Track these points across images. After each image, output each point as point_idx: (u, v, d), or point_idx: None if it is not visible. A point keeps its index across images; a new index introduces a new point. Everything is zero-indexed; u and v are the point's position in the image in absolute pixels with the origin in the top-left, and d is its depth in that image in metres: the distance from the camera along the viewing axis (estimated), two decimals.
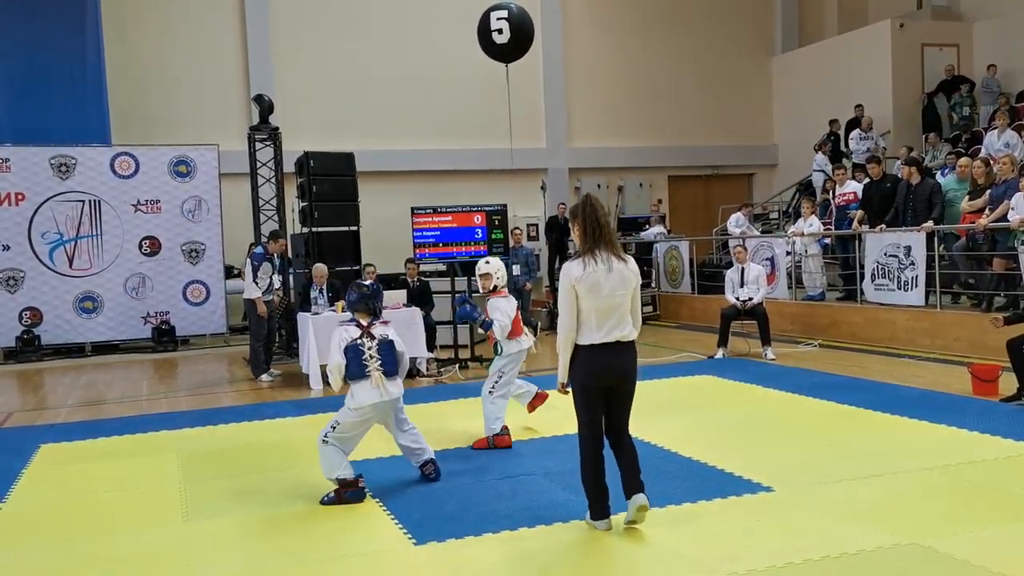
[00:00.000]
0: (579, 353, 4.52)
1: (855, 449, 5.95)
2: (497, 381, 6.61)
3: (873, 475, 5.31)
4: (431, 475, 5.63)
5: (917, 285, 10.58)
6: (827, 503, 4.85)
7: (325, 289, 10.28)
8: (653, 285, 15.83)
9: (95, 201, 13.97)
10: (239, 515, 5.16)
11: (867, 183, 11.96)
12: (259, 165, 13.11)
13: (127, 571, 4.41)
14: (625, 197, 18.97)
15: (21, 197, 13.63)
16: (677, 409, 7.60)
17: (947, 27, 17.62)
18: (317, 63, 16.76)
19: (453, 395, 8.82)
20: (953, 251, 10.60)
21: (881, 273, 11.09)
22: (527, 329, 6.87)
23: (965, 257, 10.37)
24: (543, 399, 6.98)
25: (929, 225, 10.42)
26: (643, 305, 4.74)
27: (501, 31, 9.64)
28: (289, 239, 12.16)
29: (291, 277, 12.18)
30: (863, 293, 11.39)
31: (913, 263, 10.59)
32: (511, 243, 13.29)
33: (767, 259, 12.95)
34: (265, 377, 10.49)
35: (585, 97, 18.69)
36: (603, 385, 4.53)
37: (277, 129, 13.14)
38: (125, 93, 15.39)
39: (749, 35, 20.03)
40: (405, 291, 10.73)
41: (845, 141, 16.56)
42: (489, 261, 6.77)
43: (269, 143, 13.18)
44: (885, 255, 11.00)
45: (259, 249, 10.78)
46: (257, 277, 10.28)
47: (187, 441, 7.27)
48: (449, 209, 11.72)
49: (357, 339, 5.35)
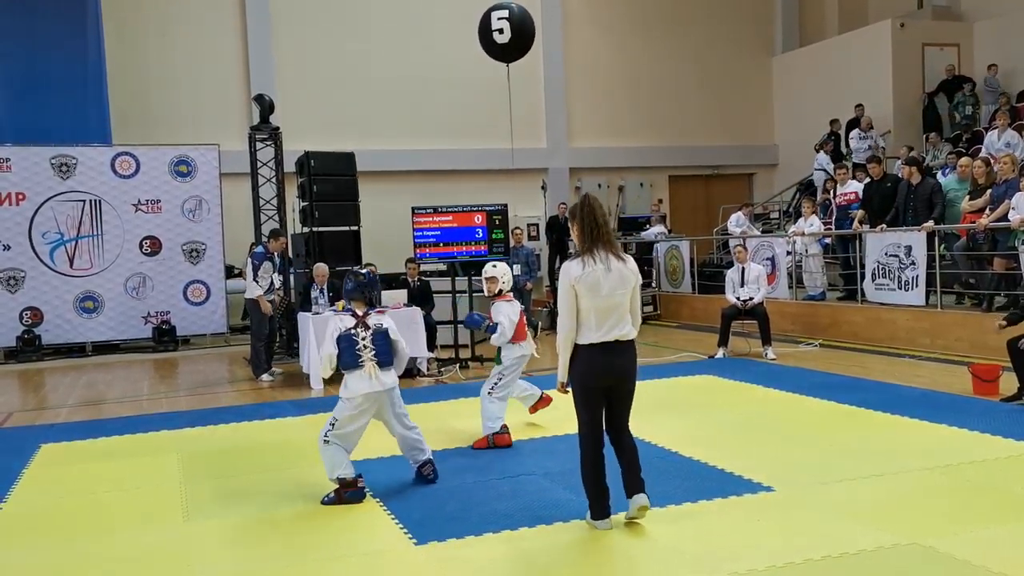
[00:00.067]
0: (579, 352, 4.52)
1: (855, 449, 5.95)
2: (497, 383, 6.62)
3: (874, 475, 5.31)
4: (429, 476, 5.58)
5: (918, 285, 10.58)
6: (827, 503, 4.85)
7: (326, 289, 10.28)
8: (654, 285, 15.83)
9: (96, 201, 13.97)
10: (239, 515, 5.16)
11: (867, 183, 11.96)
12: (260, 165, 13.11)
13: (127, 571, 4.40)
14: (626, 197, 18.96)
15: (22, 197, 13.63)
16: (677, 409, 7.60)
17: (947, 27, 17.62)
18: (318, 63, 16.76)
19: (453, 395, 8.82)
20: (954, 251, 10.60)
21: (882, 273, 11.09)
22: (530, 334, 6.89)
23: (966, 257, 10.37)
24: (547, 402, 7.01)
25: (930, 225, 10.42)
26: (644, 305, 4.75)
27: (502, 31, 9.64)
28: (290, 239, 12.16)
29: (291, 277, 12.17)
30: (864, 293, 11.39)
31: (914, 263, 10.59)
32: (511, 243, 13.28)
33: (768, 259, 12.95)
34: (266, 377, 10.50)
35: (585, 97, 18.69)
36: (603, 384, 4.54)
37: (278, 129, 13.14)
38: (126, 93, 15.41)
39: (749, 35, 20.03)
40: (405, 291, 10.73)
41: (846, 141, 16.56)
42: (496, 265, 6.79)
43: (270, 143, 13.19)
44: (886, 255, 11.00)
45: (260, 248, 10.79)
46: (258, 276, 10.28)
47: (187, 441, 7.27)
48: (449, 209, 11.71)
49: (351, 329, 5.30)
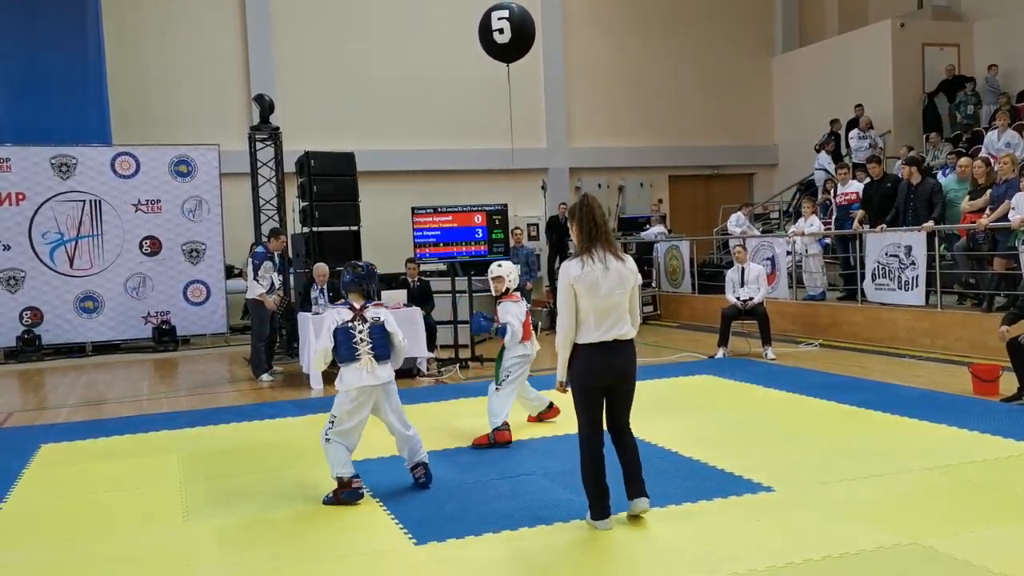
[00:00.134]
0: (578, 352, 4.53)
1: (855, 449, 5.95)
2: (504, 379, 6.68)
3: (873, 475, 5.31)
4: (420, 479, 5.47)
5: (918, 285, 10.58)
6: (827, 503, 4.85)
7: (326, 289, 10.28)
8: (654, 285, 15.82)
9: (96, 201, 13.97)
10: (239, 515, 5.15)
11: (867, 183, 11.96)
12: (260, 165, 13.11)
13: (127, 571, 4.40)
14: (626, 197, 18.96)
15: (22, 197, 13.63)
16: (677, 409, 7.60)
17: (948, 27, 17.62)
18: (318, 63, 16.76)
19: (454, 395, 8.82)
20: (954, 251, 10.60)
21: (882, 273, 11.08)
22: (535, 334, 6.92)
23: (966, 257, 10.37)
24: (555, 413, 7.11)
25: (930, 225, 10.41)
26: (644, 305, 4.75)
27: (502, 31, 9.64)
28: (290, 239, 12.16)
29: (291, 277, 12.17)
30: (864, 293, 11.39)
31: (914, 263, 10.59)
32: (511, 243, 13.29)
33: (768, 259, 12.95)
34: (266, 377, 10.50)
35: (585, 97, 18.69)
36: (602, 384, 4.54)
37: (278, 129, 13.14)
38: (126, 93, 15.40)
39: (749, 35, 20.03)
40: (405, 291, 10.73)
41: (846, 141, 16.56)
42: (501, 264, 6.83)
43: (270, 143, 13.19)
44: (886, 255, 11.00)
45: (260, 248, 10.81)
46: (259, 276, 10.30)
47: (187, 441, 7.27)
48: (449, 209, 11.73)
49: (348, 322, 5.26)
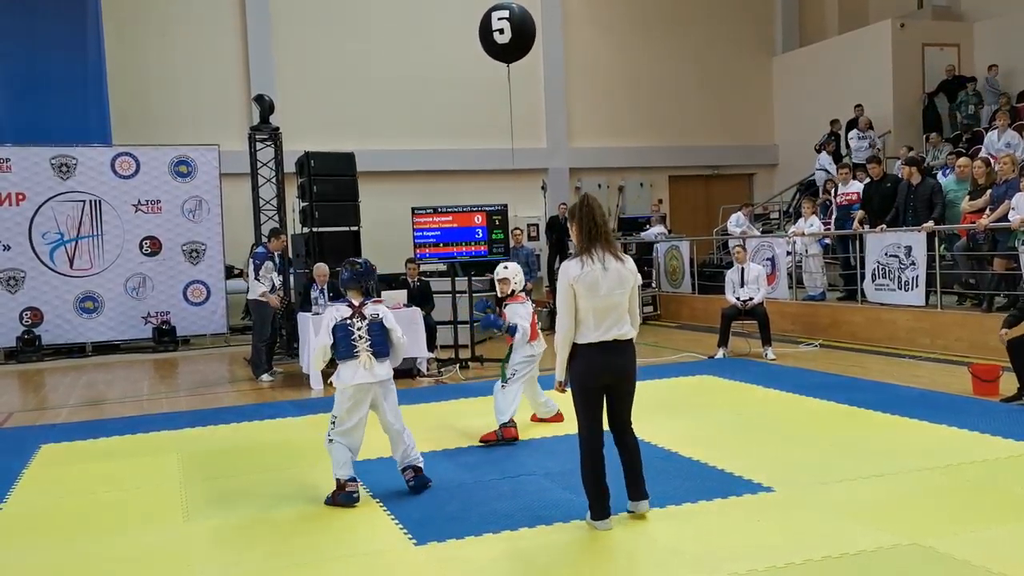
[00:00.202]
0: (577, 352, 4.53)
1: (855, 449, 5.95)
2: (510, 377, 6.72)
3: (873, 475, 5.31)
4: (410, 482, 5.40)
5: (917, 285, 10.58)
6: (827, 503, 4.85)
7: (326, 289, 10.28)
8: (654, 285, 15.81)
9: (96, 201, 13.97)
10: (239, 515, 5.16)
11: (867, 183, 11.95)
12: (260, 165, 13.11)
13: (127, 571, 4.41)
14: (626, 197, 18.96)
15: (22, 197, 13.63)
16: (677, 409, 7.60)
17: (948, 27, 17.62)
18: (318, 63, 16.76)
19: (454, 395, 8.82)
20: (954, 251, 10.60)
21: (882, 273, 11.08)
22: (541, 333, 6.96)
23: (966, 257, 10.37)
24: (559, 419, 7.13)
25: (930, 225, 10.41)
26: (644, 305, 4.76)
27: (502, 31, 9.64)
28: (290, 239, 12.16)
29: (291, 277, 12.18)
30: (864, 293, 11.39)
31: (914, 263, 10.59)
32: (511, 243, 13.28)
33: (768, 259, 12.95)
34: (266, 377, 10.51)
35: (585, 97, 18.69)
36: (602, 384, 4.55)
37: (278, 129, 13.14)
38: (126, 93, 15.40)
39: (749, 35, 20.03)
40: (405, 291, 10.73)
41: (845, 141, 16.57)
42: (508, 266, 6.86)
43: (270, 143, 13.19)
44: (886, 255, 11.00)
45: (261, 248, 10.81)
46: (259, 275, 10.32)
47: (187, 441, 7.27)
48: (449, 209, 11.71)
49: (347, 319, 5.25)
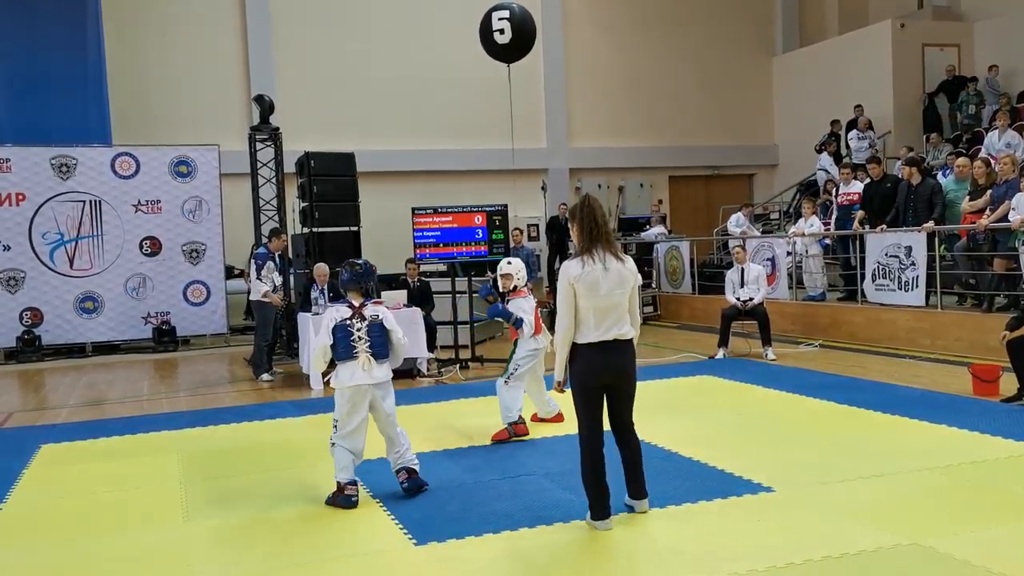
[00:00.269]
0: (577, 352, 4.54)
1: (855, 449, 5.95)
2: (513, 373, 6.75)
3: (873, 475, 5.31)
4: (404, 483, 5.33)
5: (918, 285, 10.58)
6: (827, 503, 4.85)
7: (326, 289, 10.28)
8: (654, 285, 15.81)
9: (96, 201, 13.97)
10: (239, 515, 5.15)
11: (867, 183, 11.95)
12: (260, 165, 13.11)
13: (127, 571, 4.40)
14: (626, 197, 18.96)
15: (22, 197, 13.63)
16: (677, 409, 7.60)
17: (948, 27, 17.62)
18: (318, 63, 16.77)
19: (454, 395, 8.79)
20: (954, 251, 10.59)
21: (882, 273, 11.08)
22: (545, 329, 6.98)
23: (966, 257, 10.37)
24: (559, 420, 7.15)
25: (930, 225, 10.41)
26: (644, 305, 4.77)
27: (503, 31, 9.64)
28: (290, 239, 12.16)
29: (291, 277, 12.18)
30: (864, 293, 11.39)
31: (914, 263, 10.59)
32: (511, 244, 13.27)
33: (768, 259, 12.95)
34: (266, 377, 10.51)
35: (586, 97, 18.70)
36: (602, 383, 4.55)
37: (278, 129, 13.14)
38: (126, 93, 15.41)
39: (750, 35, 20.04)
40: (405, 291, 10.73)
41: (846, 141, 16.57)
42: (511, 261, 6.91)
43: (270, 143, 13.18)
44: (886, 255, 11.00)
45: (262, 249, 10.83)
46: (261, 275, 10.34)
47: (187, 441, 7.27)
48: (449, 209, 11.72)
49: (347, 319, 5.25)
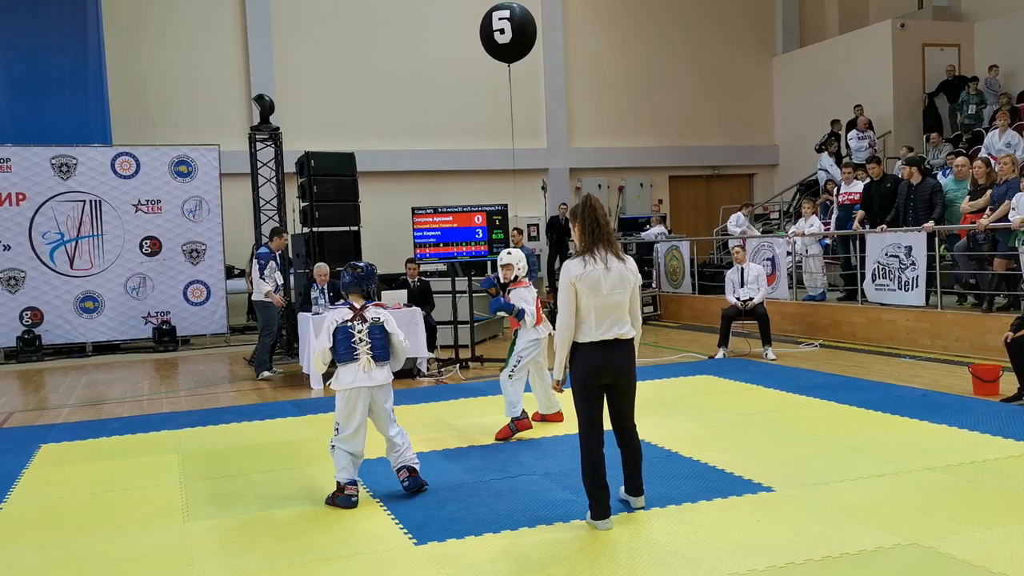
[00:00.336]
0: (578, 351, 4.55)
1: (855, 449, 5.95)
2: (516, 365, 6.78)
3: (873, 475, 5.31)
4: (404, 482, 5.35)
5: (918, 285, 10.58)
6: (827, 503, 4.84)
7: (326, 289, 10.28)
8: (654, 285, 15.83)
9: (96, 201, 13.97)
10: (239, 515, 5.16)
11: (867, 183, 11.94)
12: (260, 165, 13.11)
13: (127, 571, 4.40)
14: (626, 197, 18.97)
15: (22, 197, 13.63)
16: (677, 409, 7.60)
17: (948, 27, 17.62)
18: (318, 63, 16.77)
19: (454, 395, 8.79)
20: (954, 251, 10.59)
21: (882, 273, 11.08)
22: (546, 319, 7.00)
23: (966, 257, 10.37)
24: (559, 418, 7.17)
25: (930, 225, 10.41)
26: (644, 305, 4.78)
27: (503, 31, 9.64)
28: (290, 239, 12.16)
29: (291, 277, 12.18)
30: (864, 293, 11.39)
31: (914, 263, 10.59)
32: (511, 243, 13.28)
33: (768, 259, 12.95)
34: (267, 373, 10.57)
35: (586, 97, 18.70)
36: (602, 382, 4.56)
37: (278, 129, 13.14)
38: (126, 93, 15.42)
39: (750, 35, 20.04)
40: (405, 291, 10.73)
41: (846, 141, 16.57)
42: (510, 252, 6.98)
43: (270, 143, 13.18)
44: (886, 255, 11.00)
45: (264, 248, 10.84)
46: (265, 275, 10.36)
47: (187, 441, 7.27)
48: (450, 209, 11.74)
49: (348, 321, 5.26)
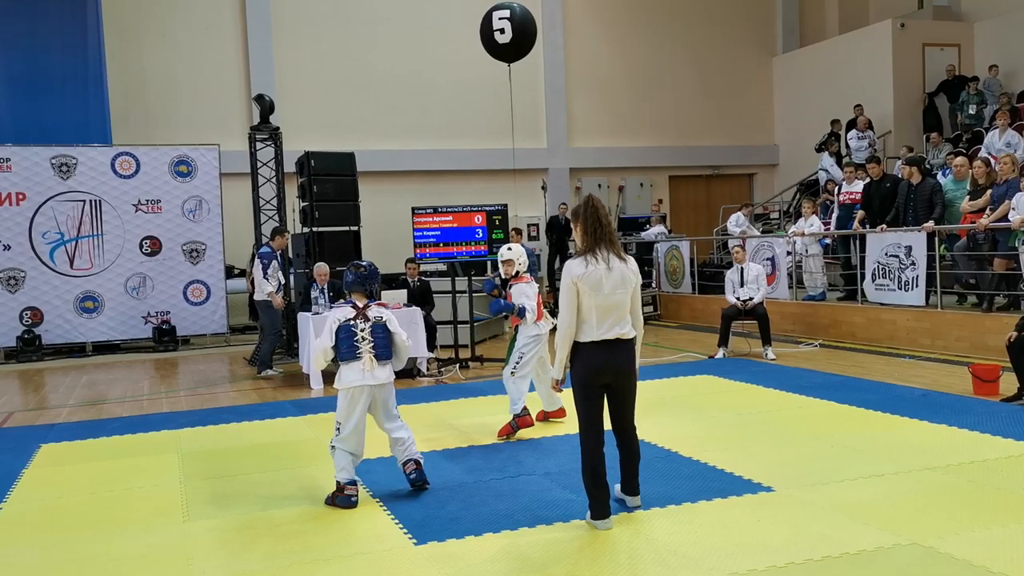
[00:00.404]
0: (578, 350, 4.56)
1: (855, 449, 5.95)
2: (519, 361, 6.78)
3: (873, 475, 5.31)
4: (411, 474, 5.38)
5: (918, 285, 10.58)
6: (827, 503, 4.84)
7: (326, 289, 10.28)
8: (654, 285, 15.83)
9: (96, 201, 13.97)
10: (239, 515, 5.16)
11: (867, 183, 11.95)
12: (260, 165, 13.10)
13: (127, 571, 4.40)
14: (626, 197, 18.97)
15: (22, 197, 13.63)
16: (677, 409, 7.60)
17: (948, 27, 17.62)
18: (318, 62, 16.76)
19: (454, 395, 8.80)
20: (954, 251, 10.59)
21: (882, 273, 11.08)
22: (547, 313, 7.02)
23: (966, 257, 10.37)
24: (562, 415, 7.17)
25: (930, 225, 10.41)
26: (644, 305, 4.79)
27: (503, 31, 9.64)
28: (290, 239, 12.16)
29: (291, 277, 12.18)
30: (864, 293, 11.39)
31: (914, 263, 10.59)
32: (511, 243, 13.25)
33: (768, 259, 12.95)
34: (270, 372, 10.61)
35: (586, 97, 18.70)
36: (602, 381, 4.57)
37: (278, 129, 13.13)
38: (126, 93, 15.42)
39: (750, 35, 20.04)
40: (405, 291, 10.73)
41: (845, 141, 16.57)
42: (511, 248, 7.00)
43: (270, 143, 13.18)
44: (886, 255, 11.00)
45: (266, 248, 10.83)
46: (268, 275, 10.37)
47: (187, 440, 7.27)
48: (449, 209, 11.74)
49: (351, 320, 5.28)
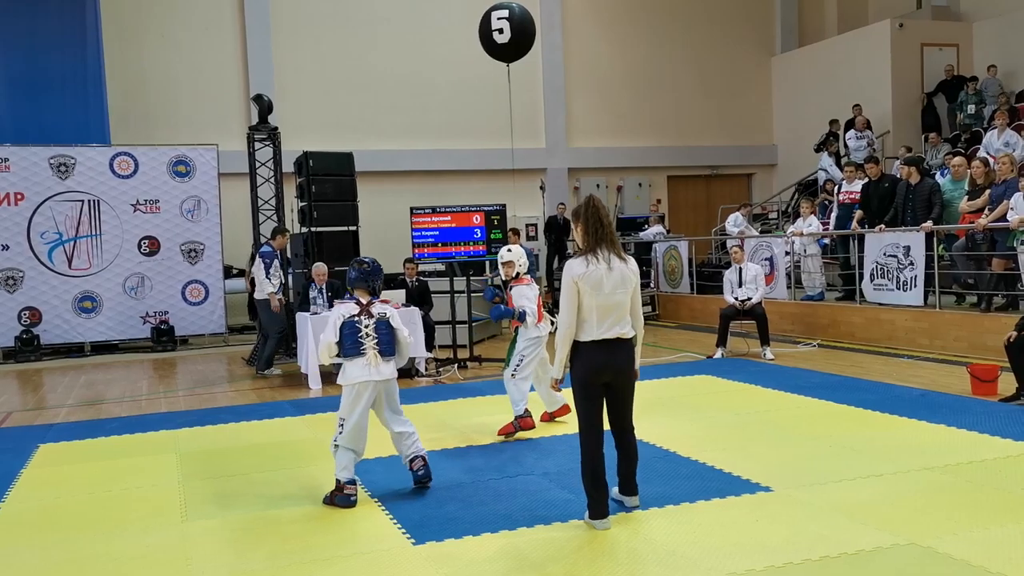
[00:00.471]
0: (578, 350, 4.57)
1: (854, 449, 5.95)
2: (519, 363, 6.79)
3: (872, 475, 5.31)
4: (419, 471, 5.40)
5: (916, 285, 10.59)
6: (826, 503, 4.85)
7: (325, 289, 10.28)
8: (652, 285, 15.84)
9: (94, 201, 13.96)
10: (239, 515, 5.16)
11: (865, 183, 11.95)
12: (258, 165, 13.08)
13: (127, 571, 4.40)
14: (624, 197, 18.97)
15: (20, 197, 13.62)
16: (676, 409, 7.60)
17: (947, 27, 17.63)
18: (317, 62, 16.76)
19: (452, 395, 8.82)
20: (953, 251, 10.60)
21: (880, 273, 11.09)
22: (547, 315, 7.02)
23: (965, 257, 10.38)
24: (566, 411, 7.16)
25: (929, 225, 10.42)
26: (642, 305, 4.80)
27: (502, 31, 9.64)
28: (288, 239, 12.16)
29: (290, 277, 12.18)
30: (862, 293, 11.40)
31: (912, 263, 10.60)
32: (509, 243, 13.26)
33: (766, 259, 12.96)
34: (275, 371, 10.65)
35: (585, 97, 18.70)
36: (602, 381, 4.57)
37: (276, 129, 13.12)
38: (125, 93, 15.41)
39: (749, 35, 20.04)
40: (404, 291, 10.73)
41: (843, 141, 16.58)
42: (511, 249, 7.01)
43: (268, 143, 13.17)
44: (884, 255, 11.01)
45: (267, 247, 10.83)
46: (269, 274, 10.38)
47: (186, 440, 7.27)
48: (448, 209, 11.73)
49: (355, 316, 5.28)
